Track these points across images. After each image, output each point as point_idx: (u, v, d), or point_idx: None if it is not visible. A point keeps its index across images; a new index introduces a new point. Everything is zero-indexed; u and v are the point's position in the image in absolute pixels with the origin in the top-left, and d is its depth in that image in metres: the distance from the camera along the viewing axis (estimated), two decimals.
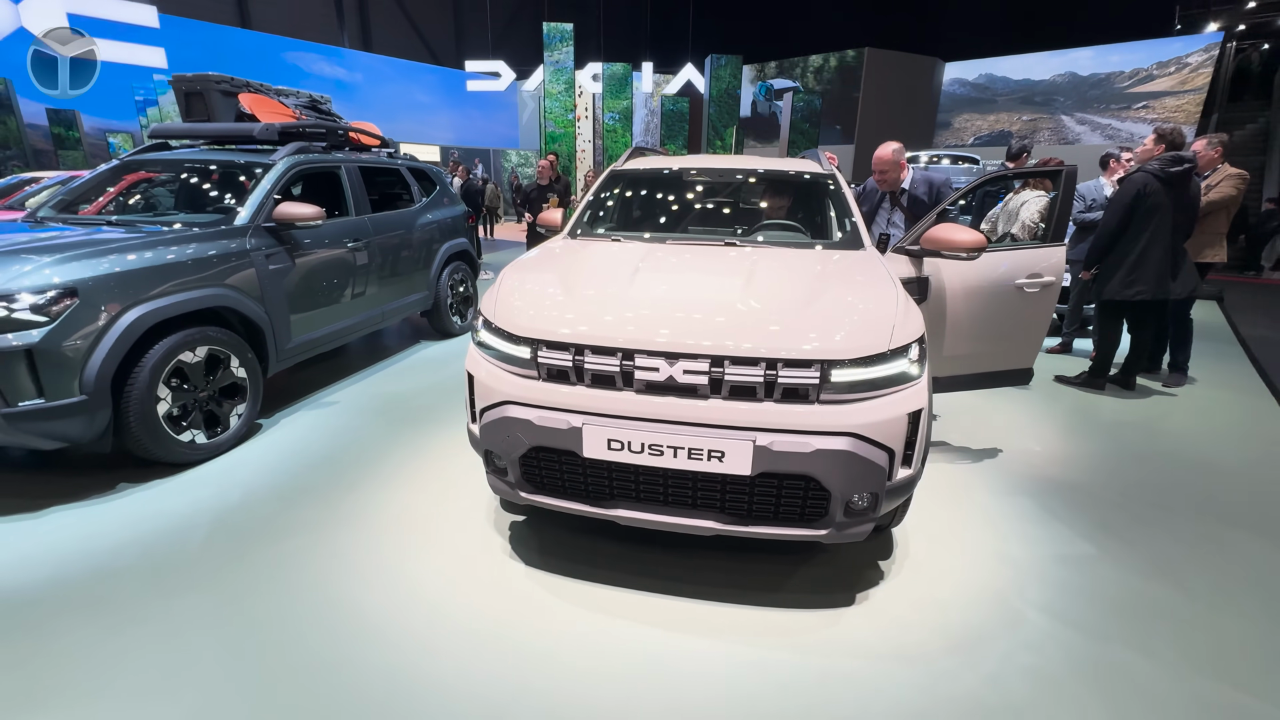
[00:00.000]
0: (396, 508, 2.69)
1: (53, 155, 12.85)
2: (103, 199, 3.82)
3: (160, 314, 2.79)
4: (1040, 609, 2.12)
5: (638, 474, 1.94)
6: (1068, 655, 1.92)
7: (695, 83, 17.40)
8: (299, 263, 3.65)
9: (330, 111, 4.95)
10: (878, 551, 2.39)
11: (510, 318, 2.07)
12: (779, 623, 2.03)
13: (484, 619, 2.01)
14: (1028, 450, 3.41)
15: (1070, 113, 17.35)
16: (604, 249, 2.66)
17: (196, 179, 3.87)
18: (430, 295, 5.13)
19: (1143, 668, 1.87)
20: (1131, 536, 2.59)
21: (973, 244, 2.62)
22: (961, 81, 18.96)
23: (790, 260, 2.48)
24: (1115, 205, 3.93)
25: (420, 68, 20.99)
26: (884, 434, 1.83)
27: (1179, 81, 15.83)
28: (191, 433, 2.98)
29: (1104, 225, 4.00)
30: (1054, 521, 2.69)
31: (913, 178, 3.62)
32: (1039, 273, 2.95)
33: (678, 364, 1.84)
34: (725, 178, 3.46)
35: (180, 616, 2.00)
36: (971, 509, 2.77)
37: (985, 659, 1.89)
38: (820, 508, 1.88)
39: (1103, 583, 2.28)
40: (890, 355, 1.87)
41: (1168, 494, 2.96)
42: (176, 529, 2.50)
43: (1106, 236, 3.97)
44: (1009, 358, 3.09)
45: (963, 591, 2.20)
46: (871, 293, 2.11)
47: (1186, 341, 4.51)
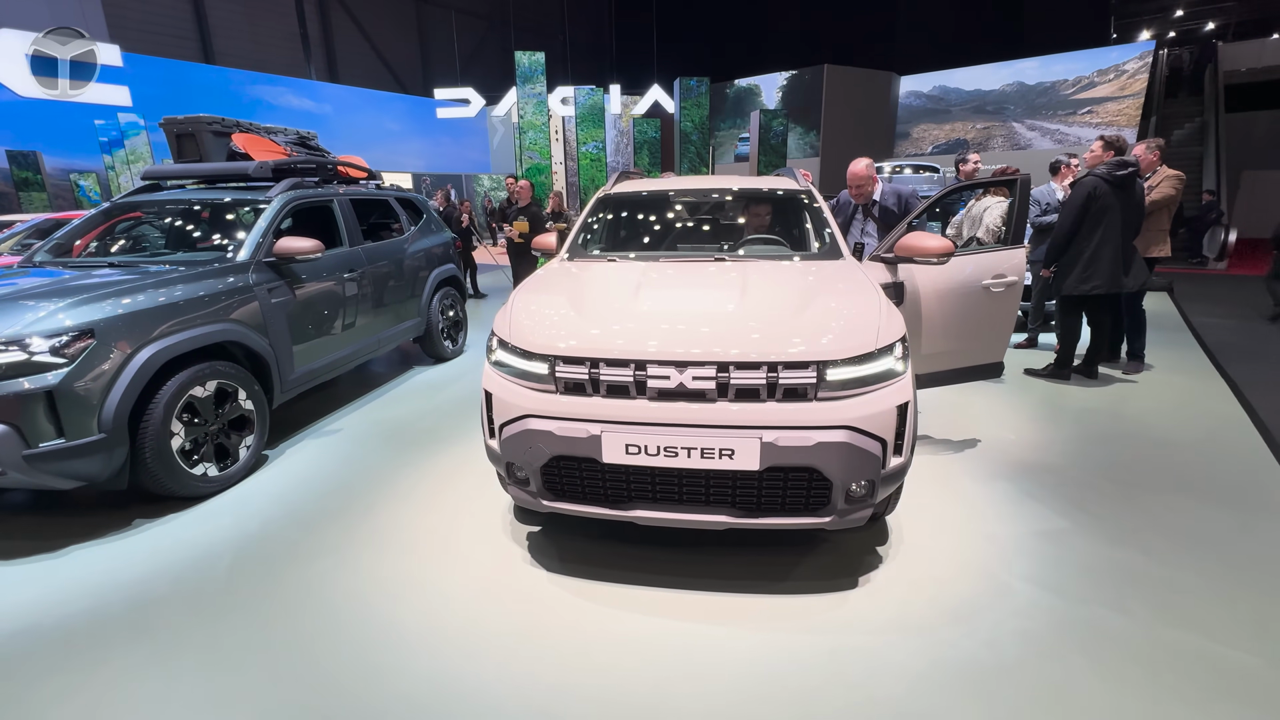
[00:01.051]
0: (415, 526, 2.79)
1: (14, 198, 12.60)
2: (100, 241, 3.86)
3: (172, 350, 2.86)
4: (1025, 579, 2.31)
5: (654, 475, 2.09)
6: (1052, 618, 2.11)
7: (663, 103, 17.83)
8: (299, 295, 3.74)
9: (318, 146, 5.06)
10: (876, 539, 2.57)
11: (526, 336, 2.22)
12: (791, 607, 2.18)
13: (516, 623, 2.12)
14: (1003, 439, 3.64)
15: (1021, 120, 18.21)
16: (604, 269, 2.83)
17: (194, 218, 3.95)
18: (422, 321, 5.23)
19: (1119, 624, 2.07)
20: (1101, 510, 2.81)
21: (942, 250, 2.86)
22: (917, 94, 19.78)
23: (779, 271, 2.68)
24: (1069, 208, 4.25)
25: (389, 97, 21.12)
26: (877, 425, 2.02)
27: (1119, 87, 16.78)
28: (204, 466, 3.04)
29: (1059, 227, 4.31)
30: (1031, 501, 2.91)
31: (882, 190, 3.88)
32: (1003, 273, 3.21)
33: (687, 371, 2.01)
34: (708, 197, 3.67)
35: (223, 639, 2.07)
36: (956, 495, 2.98)
37: (980, 626, 2.07)
38: (823, 497, 2.06)
39: (1078, 552, 2.49)
40: (878, 354, 2.07)
41: (1131, 471, 3.21)
42: (202, 558, 2.56)
43: (1062, 237, 4.28)
44: (981, 353, 3.33)
45: (955, 569, 2.39)
46: (856, 298, 2.32)
47: (1141, 331, 4.84)
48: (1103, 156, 4.33)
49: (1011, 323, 3.32)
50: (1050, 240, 4.40)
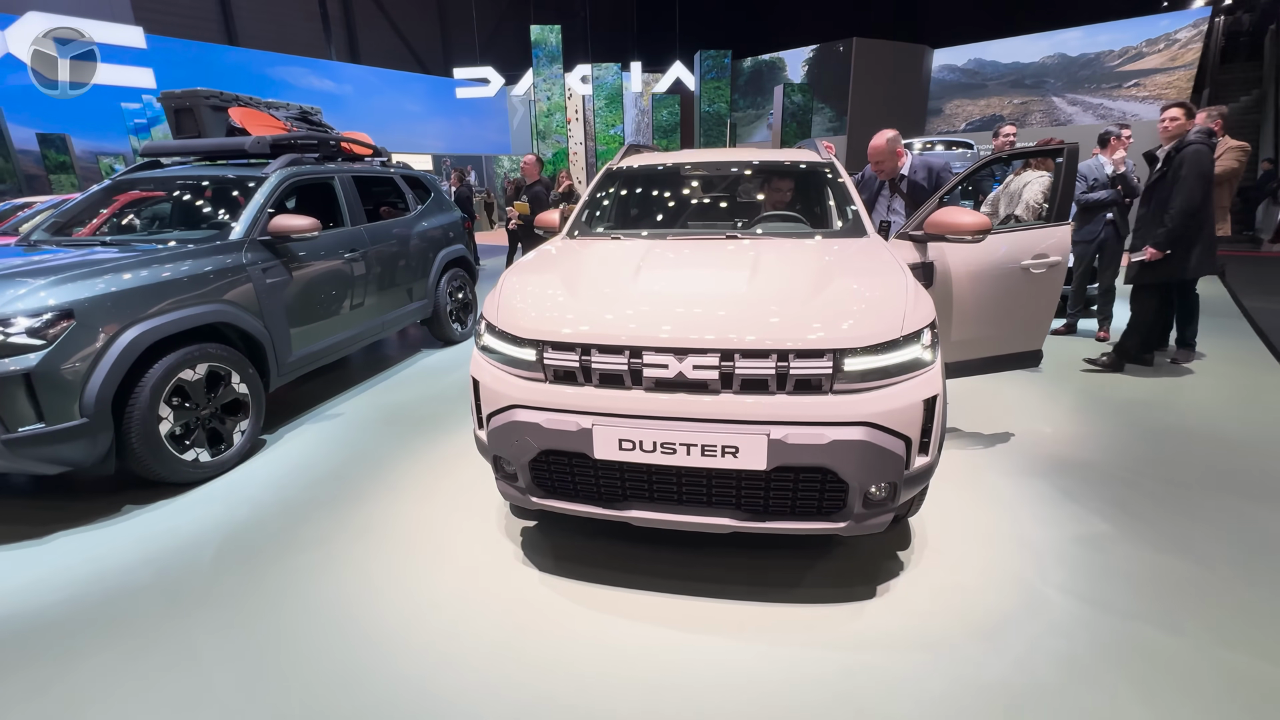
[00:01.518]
0: (407, 518, 2.66)
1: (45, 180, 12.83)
2: (96, 220, 3.79)
3: (158, 332, 2.76)
4: (1062, 590, 2.09)
5: (650, 473, 1.92)
6: (1093, 636, 1.89)
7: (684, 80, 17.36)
8: (296, 276, 3.62)
9: (321, 122, 4.93)
10: (896, 541, 2.36)
11: (514, 320, 2.05)
12: (800, 618, 2.00)
13: (502, 628, 1.98)
14: (1038, 431, 3.38)
15: (1061, 94, 17.30)
16: (604, 247, 2.64)
17: (190, 195, 3.85)
18: (429, 303, 5.10)
19: (1170, 645, 1.85)
20: (1148, 513, 2.56)
21: (977, 226, 2.59)
22: (951, 68, 18.91)
23: (794, 250, 2.45)
24: (1199, 179, 3.77)
25: (409, 77, 20.96)
26: (900, 422, 1.80)
27: (1169, 58, 15.78)
28: (195, 451, 2.95)
29: (1189, 201, 3.79)
30: (1069, 502, 2.66)
31: (911, 163, 3.59)
32: (1044, 253, 2.92)
33: (687, 359, 1.81)
34: (722, 171, 3.44)
35: (198, 636, 1.97)
36: (986, 493, 2.74)
37: (1011, 644, 1.86)
38: (838, 500, 1.86)
39: (1123, 561, 2.26)
40: (903, 342, 1.85)
41: (1181, 469, 2.93)
42: (187, 547, 2.47)
43: (1193, 213, 3.80)
44: (1017, 340, 3.06)
45: (983, 577, 2.17)
46: (880, 279, 2.08)
47: (1194, 316, 4.48)
48: (1188, 125, 3.91)
49: (1053, 307, 3.03)
50: (1177, 217, 3.84)
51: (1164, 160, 3.97)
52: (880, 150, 3.56)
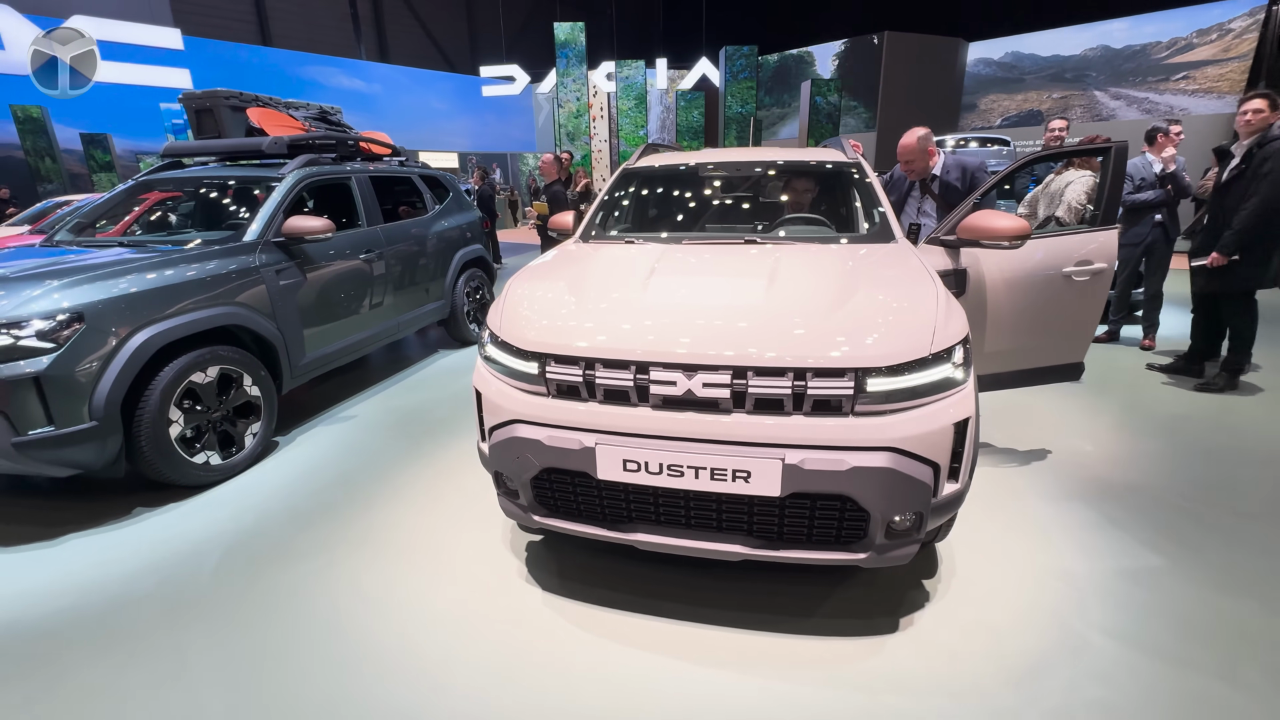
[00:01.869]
0: (411, 528, 2.60)
1: (88, 179, 13.26)
2: (120, 219, 3.83)
3: (169, 335, 2.75)
4: (1106, 632, 1.92)
5: (657, 496, 1.80)
6: (1141, 685, 1.72)
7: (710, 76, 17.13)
8: (310, 277, 3.60)
9: (340, 122, 4.92)
10: (921, 570, 2.21)
11: (516, 331, 1.95)
12: (815, 653, 1.87)
13: (500, 651, 1.89)
14: (1080, 450, 3.17)
15: (1104, 88, 16.59)
16: (616, 253, 2.53)
17: (207, 196, 3.86)
18: (446, 304, 5.07)
19: (1229, 698, 1.67)
20: (1203, 545, 2.36)
21: (1015, 231, 2.41)
22: (987, 61, 18.29)
23: (816, 257, 2.31)
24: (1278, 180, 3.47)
25: (436, 75, 21.14)
26: (927, 447, 1.66)
27: (1221, 49, 15.00)
28: (206, 454, 2.94)
29: (1266, 201, 3.51)
30: (1114, 529, 2.47)
31: (944, 163, 3.40)
32: (1089, 259, 2.72)
33: (697, 376, 1.69)
34: (744, 171, 3.30)
35: (189, 652, 1.92)
36: (1022, 518, 2.56)
37: (1047, 692, 1.70)
38: (859, 529, 1.72)
39: (1175, 599, 2.07)
40: (932, 360, 1.70)
41: (1239, 495, 2.71)
42: (192, 554, 2.44)
43: (1270, 212, 3.52)
44: (1057, 352, 2.86)
45: (1017, 613, 2.01)
46: (908, 291, 1.93)
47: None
48: (1273, 118, 3.60)
49: (1097, 317, 2.82)
50: (1249, 220, 3.58)
51: (1243, 157, 3.64)
52: (910, 149, 3.37)
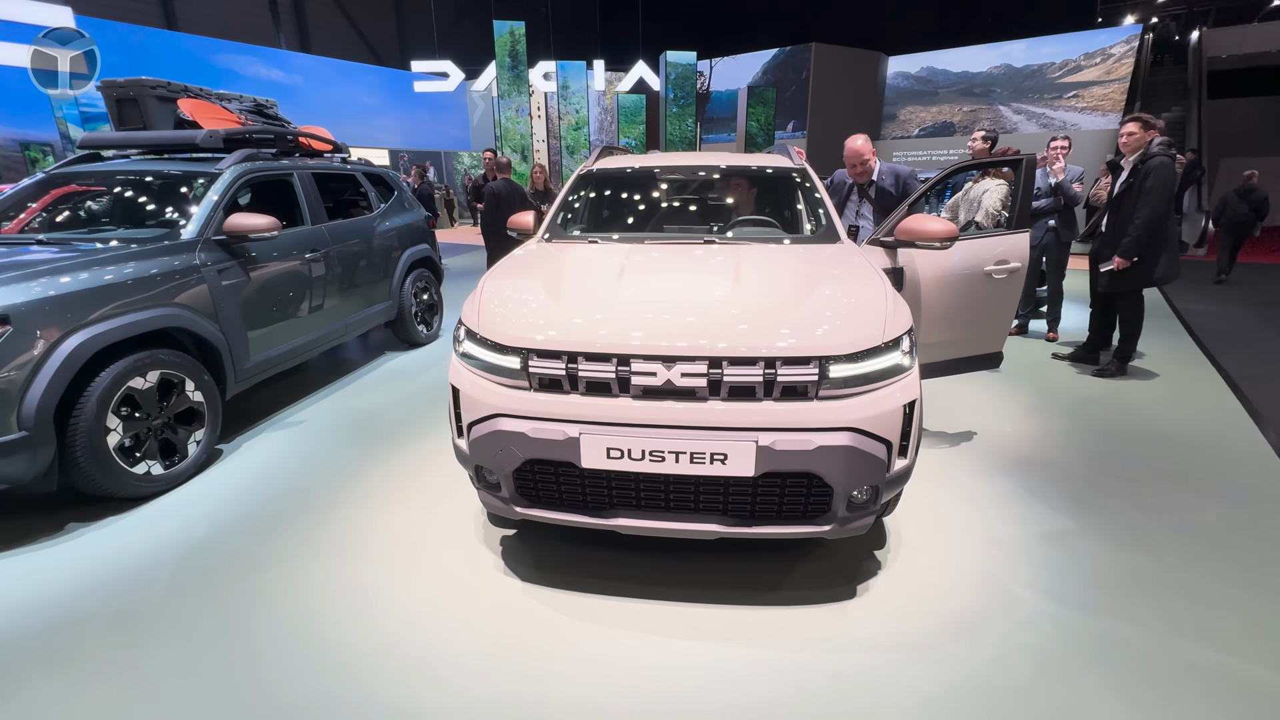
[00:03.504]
0: (378, 530, 2.57)
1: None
2: (26, 216, 3.52)
3: (105, 339, 2.59)
4: (1032, 587, 2.18)
5: (638, 481, 1.90)
6: (1062, 631, 1.97)
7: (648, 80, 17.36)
8: (254, 277, 3.45)
9: (277, 116, 4.71)
10: (874, 542, 2.42)
11: (496, 327, 2.00)
12: (785, 621, 2.02)
13: (485, 643, 1.93)
14: (1001, 431, 3.52)
15: (1007, 103, 18.06)
16: (583, 252, 2.60)
17: (135, 192, 3.62)
18: (394, 305, 4.95)
19: (1132, 637, 1.94)
20: (1105, 509, 2.69)
21: (946, 234, 2.67)
22: (905, 74, 19.50)
23: (774, 256, 2.48)
24: (1164, 190, 3.93)
25: (363, 69, 20.28)
26: (882, 427, 1.84)
27: (1105, 71, 16.68)
28: (146, 464, 2.78)
29: (1155, 211, 3.95)
30: (1033, 500, 2.77)
31: (880, 170, 3.68)
32: (1006, 259, 3.04)
33: (675, 367, 1.80)
34: (697, 175, 3.44)
35: (152, 666, 1.85)
36: (956, 493, 2.84)
37: (986, 642, 1.92)
38: (823, 504, 1.88)
39: (1085, 556, 2.36)
40: (884, 348, 1.88)
41: (1134, 466, 3.10)
42: (139, 569, 2.32)
43: (1158, 221, 3.96)
44: (982, 342, 3.18)
45: (957, 575, 2.24)
46: (860, 286, 2.12)
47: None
48: (1147, 137, 4.11)
49: (1013, 310, 3.16)
50: (1143, 226, 4.01)
51: (1130, 172, 4.13)
52: (860, 152, 3.62)
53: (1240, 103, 17.84)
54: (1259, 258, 11.22)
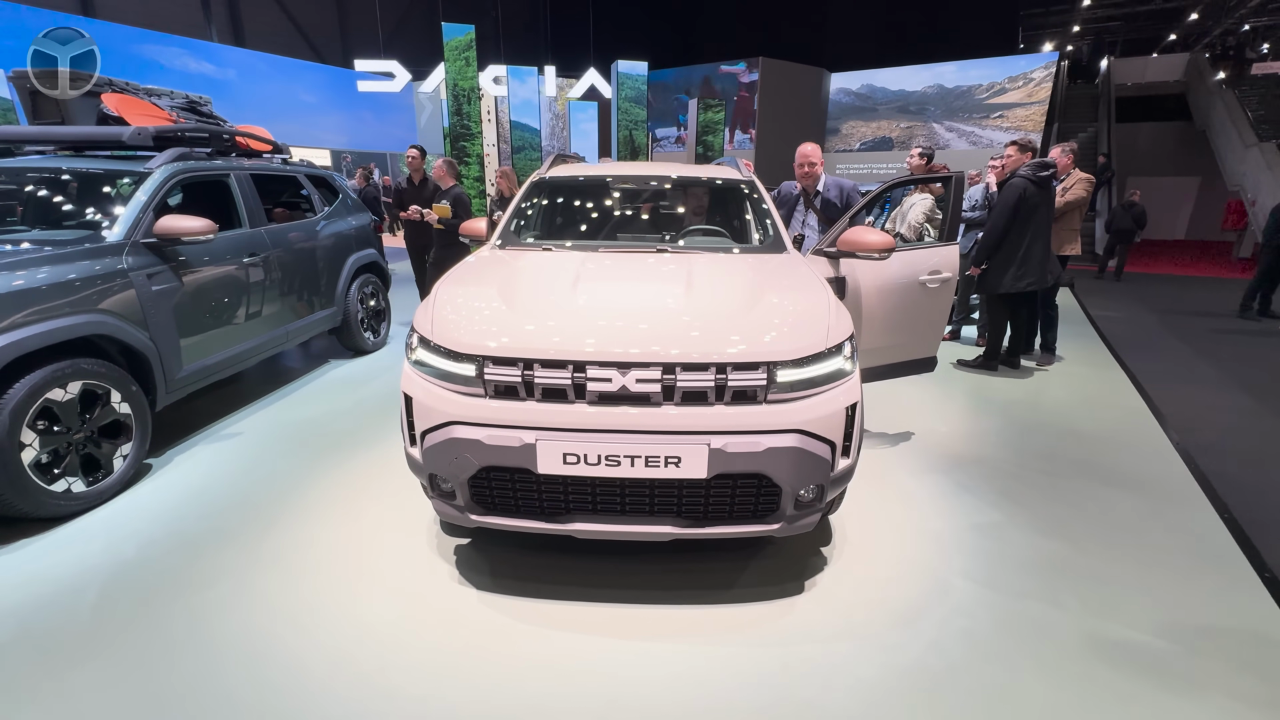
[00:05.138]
0: (326, 543, 2.49)
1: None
2: None
3: (19, 348, 2.41)
4: (964, 576, 2.33)
5: (594, 486, 1.93)
6: (992, 615, 2.12)
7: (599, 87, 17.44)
8: (187, 282, 3.29)
9: (212, 114, 4.50)
10: (820, 539, 2.52)
11: (450, 334, 1.99)
12: (737, 618, 2.08)
13: (442, 653, 1.91)
14: (935, 430, 3.73)
15: (940, 121, 19.12)
16: (538, 259, 2.62)
17: (53, 190, 3.39)
18: (339, 311, 4.80)
19: (1053, 618, 2.11)
20: (1029, 501, 2.90)
21: (883, 245, 2.83)
22: (846, 91, 20.37)
23: (724, 265, 2.56)
24: (1001, 208, 4.35)
25: (303, 65, 19.50)
26: (826, 428, 1.94)
27: (1026, 94, 17.90)
28: (66, 480, 2.61)
29: (992, 227, 4.41)
30: (965, 494, 2.96)
31: (825, 181, 3.85)
32: (938, 269, 3.24)
33: (630, 373, 1.85)
34: (649, 185, 3.51)
35: (81, 695, 1.74)
36: (894, 490, 2.99)
37: (924, 628, 2.04)
38: (772, 503, 1.96)
39: (1012, 545, 2.54)
40: (827, 354, 1.99)
41: (1053, 460, 3.35)
42: (61, 594, 2.17)
43: (995, 236, 4.38)
44: (918, 348, 3.36)
45: (896, 567, 2.37)
46: (804, 295, 2.23)
47: (1053, 324, 5.12)
48: (1021, 159, 4.49)
49: (945, 317, 3.37)
50: (982, 239, 4.52)
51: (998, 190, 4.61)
52: (809, 155, 3.76)
53: (1144, 126, 19.52)
54: (1148, 267, 12.38)
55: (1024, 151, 4.48)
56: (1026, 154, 4.46)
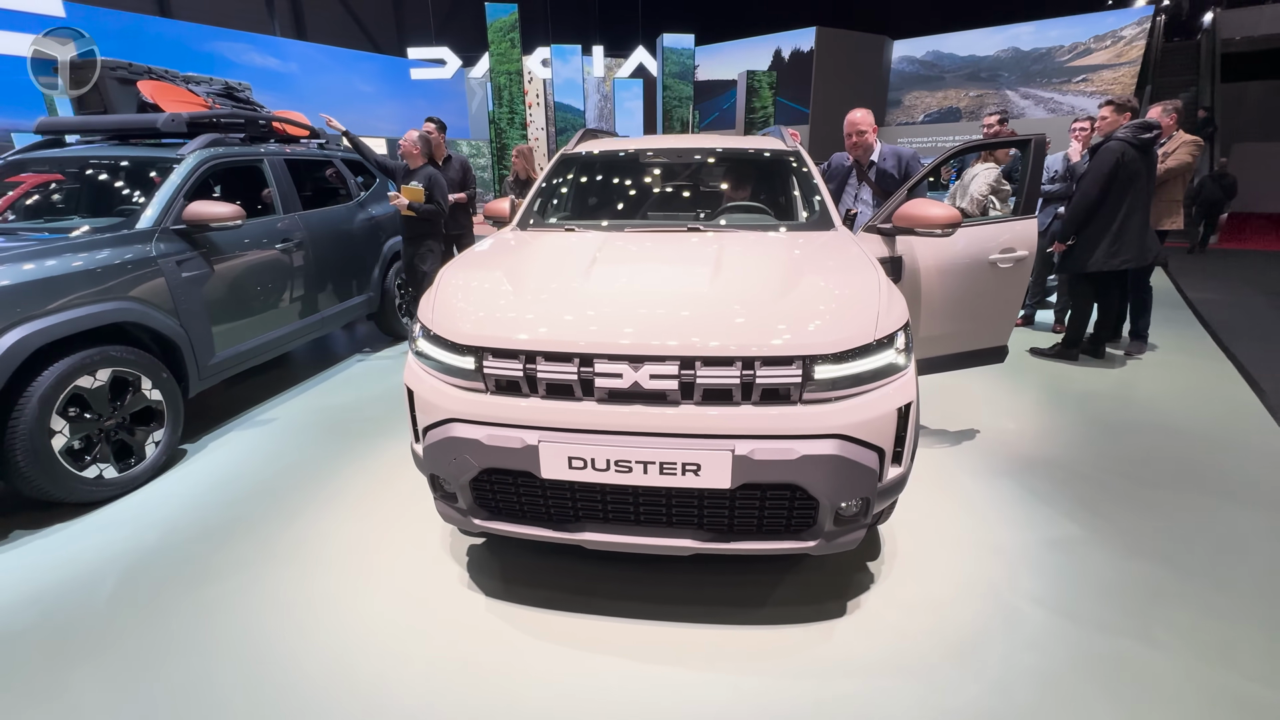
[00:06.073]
0: (342, 538, 2.42)
1: None
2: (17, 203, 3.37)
3: (47, 335, 2.43)
4: (1036, 601, 2.01)
5: (604, 493, 1.74)
6: (1069, 651, 1.81)
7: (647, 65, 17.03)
8: (219, 269, 3.29)
9: (249, 100, 4.52)
10: (866, 552, 2.25)
11: (450, 324, 1.83)
12: (769, 642, 1.86)
13: (443, 666, 1.78)
14: (1003, 428, 3.34)
15: (1015, 87, 17.68)
16: (555, 241, 2.42)
17: (93, 178, 3.45)
18: (375, 296, 4.79)
19: (1147, 659, 1.78)
20: (1115, 513, 2.52)
21: (948, 219, 2.48)
22: (910, 59, 19.11)
23: (760, 245, 2.29)
24: (1094, 175, 3.83)
25: (360, 56, 19.97)
26: (873, 433, 1.67)
27: (1115, 54, 16.28)
28: (98, 467, 2.63)
29: (1083, 196, 3.89)
30: (1037, 503, 2.60)
31: (881, 150, 3.48)
32: (1012, 247, 2.85)
33: (643, 368, 1.63)
34: (684, 158, 3.25)
35: (80, 692, 1.70)
36: (953, 495, 2.67)
37: (986, 664, 1.76)
38: (808, 517, 1.72)
39: (1094, 566, 2.20)
40: (876, 346, 1.71)
41: (1144, 465, 2.92)
42: (83, 580, 2.18)
43: (1086, 207, 3.87)
44: (985, 336, 2.99)
45: (955, 589, 2.08)
46: (851, 278, 1.94)
47: (1146, 309, 4.54)
48: (1118, 120, 3.94)
49: (1019, 302, 2.97)
50: (1069, 211, 4.00)
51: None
52: (859, 123, 3.42)
53: (1252, 86, 17.41)
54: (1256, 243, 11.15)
55: (1121, 112, 3.92)
56: (1124, 114, 3.91)
